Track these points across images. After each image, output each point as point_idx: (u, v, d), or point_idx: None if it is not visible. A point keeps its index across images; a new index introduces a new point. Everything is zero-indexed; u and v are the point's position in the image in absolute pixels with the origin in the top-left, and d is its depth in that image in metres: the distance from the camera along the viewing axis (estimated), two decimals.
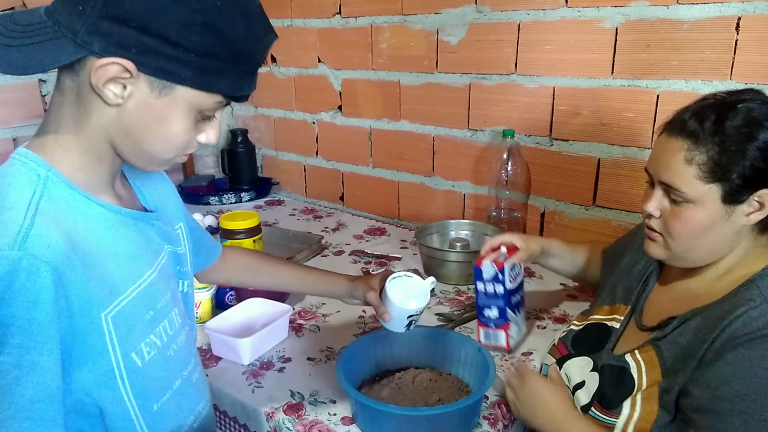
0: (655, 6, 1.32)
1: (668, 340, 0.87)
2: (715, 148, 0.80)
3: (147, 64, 0.62)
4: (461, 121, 1.73)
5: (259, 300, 1.25)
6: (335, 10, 1.92)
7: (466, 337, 1.08)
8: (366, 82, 1.92)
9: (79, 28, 0.60)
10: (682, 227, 0.85)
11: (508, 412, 1.01)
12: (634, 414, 0.85)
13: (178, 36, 0.61)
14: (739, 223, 0.83)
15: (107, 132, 0.67)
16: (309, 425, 0.96)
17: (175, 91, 0.65)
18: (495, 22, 1.58)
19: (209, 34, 0.62)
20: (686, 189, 0.82)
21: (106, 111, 0.66)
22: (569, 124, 1.52)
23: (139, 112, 0.66)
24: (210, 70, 0.65)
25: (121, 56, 0.61)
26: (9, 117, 1.82)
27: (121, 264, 0.70)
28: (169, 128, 0.68)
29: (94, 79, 0.62)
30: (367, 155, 2.00)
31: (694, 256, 0.88)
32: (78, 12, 0.60)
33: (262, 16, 0.68)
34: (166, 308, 0.77)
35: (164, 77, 0.64)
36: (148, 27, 0.60)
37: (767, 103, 0.81)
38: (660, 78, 1.35)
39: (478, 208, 1.77)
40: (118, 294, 0.69)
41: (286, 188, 2.32)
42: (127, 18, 0.60)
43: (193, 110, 0.68)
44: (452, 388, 1.02)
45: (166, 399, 0.76)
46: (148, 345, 0.73)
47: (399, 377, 1.02)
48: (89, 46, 0.61)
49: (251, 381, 1.08)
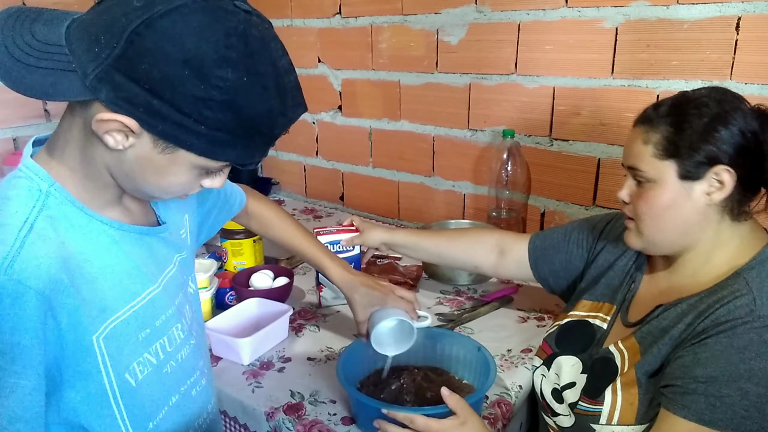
0: (655, 6, 1.32)
1: (651, 325, 0.89)
2: (669, 128, 0.85)
3: (153, 126, 0.59)
4: (461, 121, 1.73)
5: (258, 300, 1.25)
6: (335, 10, 1.92)
7: (466, 337, 1.08)
8: (366, 82, 1.92)
9: (90, 72, 0.57)
10: (647, 207, 0.88)
11: (507, 412, 1.01)
12: (617, 399, 0.87)
13: (190, 108, 0.58)
14: (702, 202, 0.85)
15: (108, 168, 0.66)
16: (309, 425, 0.96)
17: (178, 152, 0.62)
18: (495, 22, 1.58)
19: (225, 111, 0.59)
20: (645, 167, 0.87)
21: (107, 153, 0.64)
22: (569, 124, 1.52)
23: (138, 163, 0.63)
24: (220, 141, 0.62)
25: (126, 112, 0.58)
26: (9, 117, 1.82)
27: (118, 282, 0.69)
28: (168, 180, 0.66)
29: (94, 126, 0.60)
30: (367, 155, 2.00)
31: (664, 239, 0.90)
32: (93, 54, 0.57)
33: (293, 91, 0.65)
34: (166, 324, 0.76)
35: (169, 141, 0.61)
36: (160, 93, 0.57)
37: (724, 93, 0.85)
38: (660, 78, 1.35)
39: (478, 208, 1.77)
40: (110, 314, 0.67)
41: (286, 188, 2.32)
42: (140, 78, 0.57)
43: (196, 168, 0.66)
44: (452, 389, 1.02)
45: (162, 416, 0.75)
46: (141, 364, 0.71)
47: (399, 377, 1.02)
48: (96, 92, 0.58)
49: (251, 381, 1.08)
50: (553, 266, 1.15)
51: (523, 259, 1.18)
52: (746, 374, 0.75)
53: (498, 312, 1.32)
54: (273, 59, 0.62)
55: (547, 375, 1.02)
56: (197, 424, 0.83)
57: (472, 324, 1.27)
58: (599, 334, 0.99)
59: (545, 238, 1.18)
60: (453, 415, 0.87)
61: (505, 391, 1.05)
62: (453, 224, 1.57)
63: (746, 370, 0.75)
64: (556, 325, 1.06)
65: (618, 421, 0.86)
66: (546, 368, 1.02)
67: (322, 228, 1.33)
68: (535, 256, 1.17)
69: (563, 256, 1.13)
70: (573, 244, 1.12)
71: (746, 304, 0.78)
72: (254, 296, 1.27)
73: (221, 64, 0.57)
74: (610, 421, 0.87)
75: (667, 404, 0.80)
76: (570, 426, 0.95)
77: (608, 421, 0.87)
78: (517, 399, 1.06)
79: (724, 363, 0.76)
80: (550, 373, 1.00)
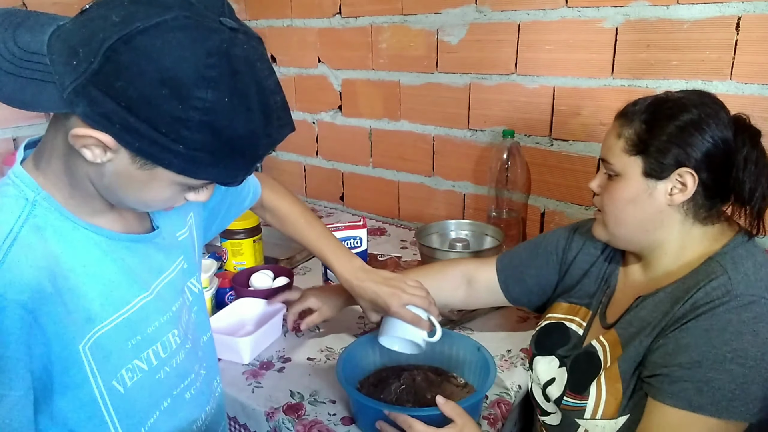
0: (655, 6, 1.32)
1: (629, 316, 0.90)
2: (642, 125, 0.86)
3: (129, 143, 0.57)
4: (461, 121, 1.73)
5: (249, 300, 1.25)
6: (335, 10, 1.92)
7: (466, 337, 1.08)
8: (366, 82, 1.92)
9: (68, 85, 0.55)
10: (610, 199, 0.90)
11: (507, 412, 1.01)
12: (601, 394, 0.87)
13: (167, 128, 0.56)
14: (662, 201, 0.86)
15: (90, 180, 0.64)
16: (309, 425, 0.96)
17: (156, 169, 0.60)
18: (495, 22, 1.58)
19: (204, 131, 0.57)
20: (614, 161, 0.89)
21: (87, 165, 0.62)
22: (569, 124, 1.52)
23: (118, 177, 0.62)
24: (199, 161, 0.59)
25: (103, 128, 0.56)
26: (9, 117, 1.82)
27: (105, 290, 0.68)
28: (150, 195, 0.64)
29: (71, 140, 0.58)
30: (367, 155, 2.00)
31: (624, 233, 0.91)
32: (71, 66, 0.55)
33: (279, 111, 0.63)
34: (160, 331, 0.74)
35: (146, 158, 0.59)
36: (136, 111, 0.55)
37: (704, 97, 0.86)
38: (660, 78, 1.35)
39: (478, 208, 1.76)
40: (97, 323, 0.67)
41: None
42: (117, 95, 0.55)
43: (176, 185, 0.64)
44: (452, 388, 1.02)
45: (153, 421, 0.75)
46: (130, 371, 0.71)
47: (399, 377, 1.02)
48: (73, 106, 0.56)
49: (251, 381, 1.08)
50: (525, 284, 1.10)
51: (492, 283, 1.12)
52: (729, 355, 0.75)
53: (498, 312, 1.32)
54: (258, 79, 0.59)
55: (532, 376, 1.03)
56: (195, 427, 0.83)
57: (472, 324, 1.27)
58: (575, 339, 0.99)
59: (512, 256, 1.13)
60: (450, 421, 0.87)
61: (504, 391, 1.05)
62: (453, 224, 1.57)
63: (729, 351, 0.75)
64: (537, 329, 1.07)
65: (602, 415, 0.86)
66: (531, 370, 1.04)
67: (330, 225, 1.33)
68: (505, 277, 1.11)
69: (534, 270, 1.09)
70: (542, 257, 1.09)
71: (722, 284, 0.79)
72: (254, 296, 1.27)
73: (201, 84, 0.55)
74: (594, 415, 0.87)
75: (654, 394, 0.80)
76: (557, 424, 0.95)
77: (592, 415, 0.87)
78: (516, 399, 1.06)
79: (706, 346, 0.77)
80: (533, 374, 1.02)
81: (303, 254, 1.61)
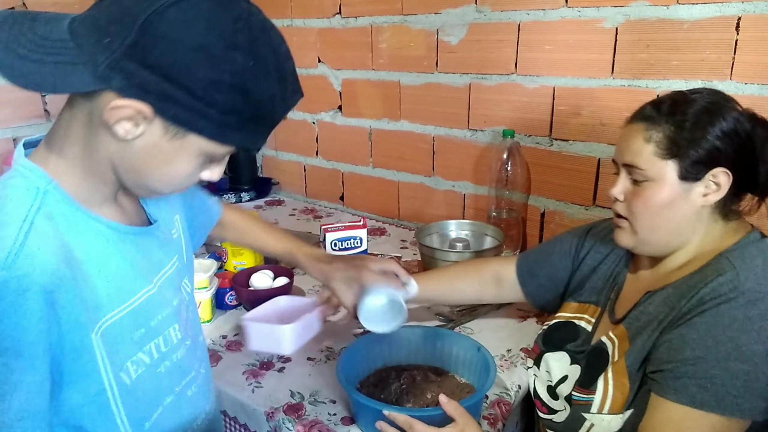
0: (655, 6, 1.32)
1: (638, 310, 0.90)
2: (671, 127, 0.84)
3: (165, 111, 0.61)
4: (461, 121, 1.73)
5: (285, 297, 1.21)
6: (335, 10, 1.92)
7: (466, 337, 1.08)
8: (366, 82, 1.92)
9: (102, 61, 0.58)
10: (644, 206, 0.88)
11: (507, 412, 1.01)
12: (608, 388, 0.87)
13: (202, 92, 0.60)
14: (698, 203, 0.85)
15: (112, 161, 0.66)
16: (309, 425, 0.96)
17: (187, 137, 0.63)
18: (495, 22, 1.58)
19: (235, 94, 0.61)
20: (645, 166, 0.86)
21: (113, 144, 0.64)
22: (569, 124, 1.52)
23: (146, 152, 0.64)
24: (227, 125, 0.63)
25: (139, 98, 0.59)
26: (9, 117, 1.82)
27: (113, 282, 0.69)
28: (174, 170, 0.67)
29: (107, 115, 0.60)
30: (367, 155, 2.00)
31: (658, 238, 0.90)
32: (104, 44, 0.58)
33: (293, 77, 0.67)
34: (162, 324, 0.76)
35: (180, 125, 0.62)
36: (173, 78, 0.59)
37: (719, 95, 0.86)
38: (660, 78, 1.35)
39: (478, 208, 1.76)
40: (106, 312, 0.68)
41: (286, 188, 2.32)
42: (154, 65, 0.58)
43: (202, 155, 0.67)
44: (452, 388, 1.02)
45: (157, 416, 0.76)
46: (135, 363, 0.72)
47: (399, 377, 1.02)
48: (108, 81, 0.59)
49: (251, 381, 1.08)
50: (539, 280, 1.14)
51: (514, 280, 1.17)
52: (734, 353, 0.75)
53: (498, 312, 1.32)
54: (274, 46, 0.64)
55: (539, 374, 1.03)
56: (195, 425, 0.83)
57: (472, 324, 1.27)
58: (584, 336, 1.00)
59: (530, 255, 1.19)
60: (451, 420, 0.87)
61: (504, 391, 1.05)
62: (453, 224, 1.57)
63: (733, 348, 0.75)
64: (544, 326, 1.07)
65: (609, 410, 0.86)
66: (537, 368, 1.03)
67: (330, 225, 1.34)
68: (522, 274, 1.16)
69: (548, 269, 1.13)
70: (556, 256, 1.12)
71: (730, 280, 0.79)
72: (254, 296, 1.27)
73: (230, 48, 0.60)
74: (601, 409, 0.87)
75: (658, 390, 0.80)
76: (564, 420, 0.95)
77: (599, 409, 0.87)
78: (516, 399, 1.06)
79: (711, 342, 0.76)
80: (541, 371, 1.02)
81: None
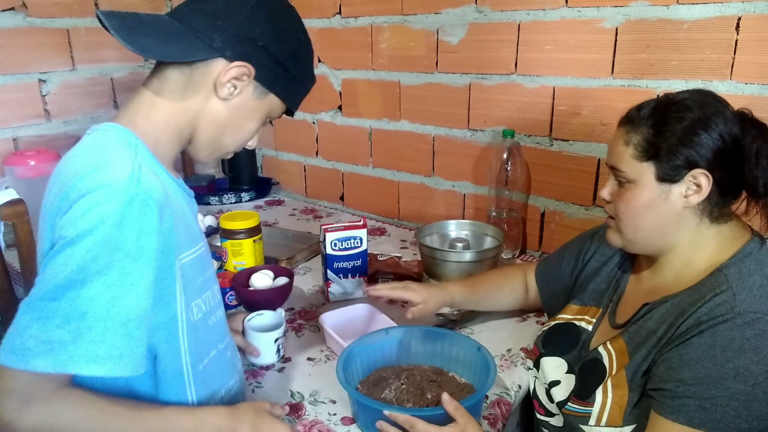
0: (655, 6, 1.32)
1: (637, 325, 0.90)
2: (649, 130, 0.86)
3: (259, 74, 0.80)
4: (461, 121, 1.73)
5: (367, 306, 1.25)
6: (335, 10, 1.92)
7: (466, 337, 1.08)
8: (366, 82, 1.92)
9: (216, 37, 0.76)
10: (625, 207, 0.89)
11: (507, 412, 1.01)
12: (606, 400, 0.87)
13: (285, 59, 0.81)
14: (679, 204, 0.86)
15: (199, 118, 0.80)
16: (309, 425, 0.96)
17: (267, 98, 0.83)
18: (495, 22, 1.58)
19: (299, 63, 0.84)
20: (625, 168, 0.88)
21: (211, 103, 0.79)
22: (569, 124, 1.52)
23: (236, 109, 0.81)
24: (292, 89, 0.86)
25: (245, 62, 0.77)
26: (9, 117, 1.82)
27: (186, 227, 0.79)
28: (249, 126, 0.84)
29: (222, 76, 0.77)
30: (367, 155, 2.00)
31: (644, 238, 0.91)
32: (215, 25, 0.76)
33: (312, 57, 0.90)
34: (210, 280, 0.87)
35: (267, 86, 0.82)
36: (268, 48, 0.79)
37: (707, 96, 0.86)
38: (660, 78, 1.35)
39: (478, 208, 1.77)
40: (182, 251, 0.77)
41: (286, 188, 2.32)
42: (256, 38, 0.78)
43: (266, 116, 0.86)
44: (453, 388, 1.02)
45: (206, 362, 0.83)
46: (197, 306, 0.81)
47: (399, 377, 1.02)
48: (222, 51, 0.77)
49: (251, 381, 1.08)
50: (552, 285, 1.18)
51: (536, 287, 1.22)
52: (732, 373, 0.75)
53: (498, 312, 1.31)
54: (304, 30, 0.86)
55: (538, 375, 1.03)
56: (225, 390, 0.89)
57: (472, 324, 1.27)
58: (584, 336, 1.00)
59: (546, 262, 1.22)
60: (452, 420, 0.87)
61: (504, 391, 1.05)
62: (453, 224, 1.57)
63: (732, 369, 0.75)
64: (545, 328, 1.07)
65: (606, 422, 0.86)
66: (536, 369, 1.04)
67: (330, 225, 1.34)
68: (540, 281, 1.21)
69: (559, 273, 1.16)
70: (566, 260, 1.15)
71: (726, 301, 0.79)
72: (254, 296, 1.27)
73: (297, 26, 0.85)
74: (599, 422, 0.87)
75: (657, 408, 0.80)
76: (560, 426, 0.95)
77: (597, 422, 0.87)
78: (516, 399, 1.06)
79: (709, 363, 0.76)
80: (540, 373, 1.02)
81: (303, 254, 1.61)
